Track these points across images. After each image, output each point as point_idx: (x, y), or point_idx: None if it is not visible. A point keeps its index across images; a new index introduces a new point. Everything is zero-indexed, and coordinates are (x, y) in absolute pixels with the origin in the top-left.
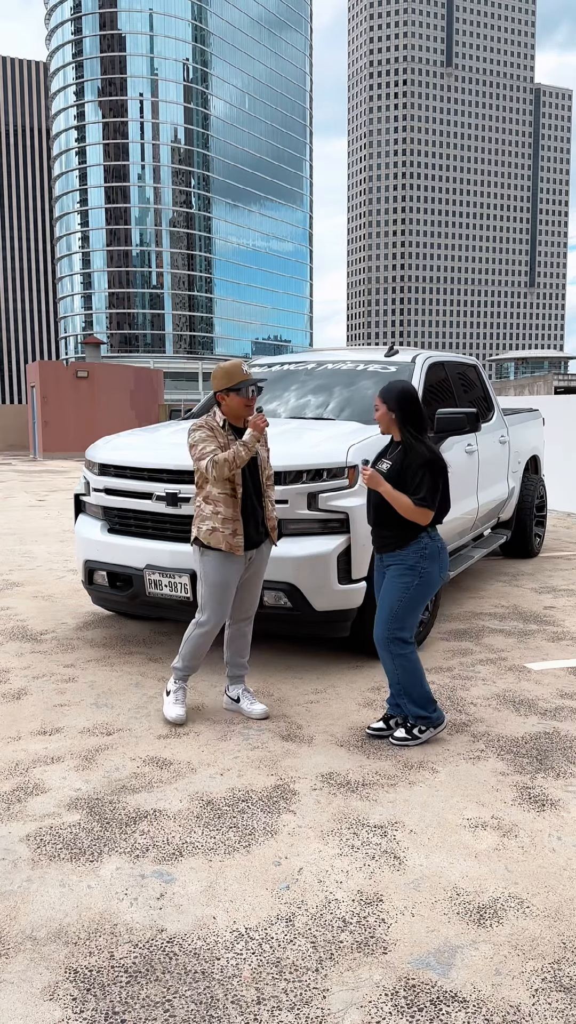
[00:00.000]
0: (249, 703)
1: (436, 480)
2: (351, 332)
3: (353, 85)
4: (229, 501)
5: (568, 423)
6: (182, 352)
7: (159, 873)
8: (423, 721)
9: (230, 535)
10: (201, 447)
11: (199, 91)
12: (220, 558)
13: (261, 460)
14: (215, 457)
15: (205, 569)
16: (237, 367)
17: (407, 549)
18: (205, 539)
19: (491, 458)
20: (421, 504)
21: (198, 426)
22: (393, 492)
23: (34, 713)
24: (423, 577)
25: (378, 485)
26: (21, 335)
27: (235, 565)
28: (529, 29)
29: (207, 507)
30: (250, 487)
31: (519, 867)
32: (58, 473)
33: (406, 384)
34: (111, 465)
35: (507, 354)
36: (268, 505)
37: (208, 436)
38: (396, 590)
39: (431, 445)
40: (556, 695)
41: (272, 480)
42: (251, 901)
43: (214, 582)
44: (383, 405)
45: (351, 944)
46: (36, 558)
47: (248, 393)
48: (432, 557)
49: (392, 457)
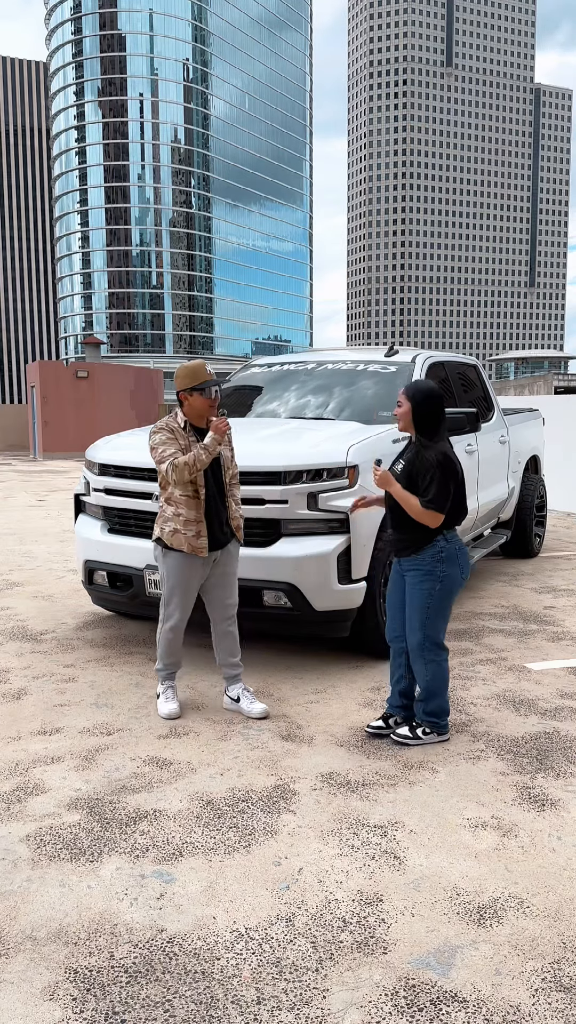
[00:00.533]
0: (249, 703)
1: (446, 483)
2: (351, 332)
3: (353, 85)
4: (192, 503)
5: (568, 423)
6: (182, 352)
7: (159, 873)
8: (431, 726)
9: (193, 537)
10: (161, 450)
11: (199, 91)
12: (182, 559)
13: (224, 460)
14: (175, 461)
15: (167, 569)
16: (201, 367)
17: (423, 553)
18: (168, 540)
19: (491, 458)
20: (428, 507)
21: (158, 428)
22: (403, 493)
23: (34, 713)
24: (443, 581)
25: (388, 485)
26: (21, 335)
27: (197, 566)
28: (529, 29)
29: (169, 508)
30: (213, 488)
31: (519, 867)
32: (58, 473)
33: (433, 386)
34: (111, 465)
35: (507, 354)
36: (232, 505)
37: (169, 438)
38: (420, 597)
39: (445, 448)
40: (556, 695)
41: (237, 479)
42: (251, 901)
43: (175, 583)
44: (407, 402)
45: (351, 944)
46: (36, 558)
47: (211, 394)
48: (450, 560)
49: (406, 457)
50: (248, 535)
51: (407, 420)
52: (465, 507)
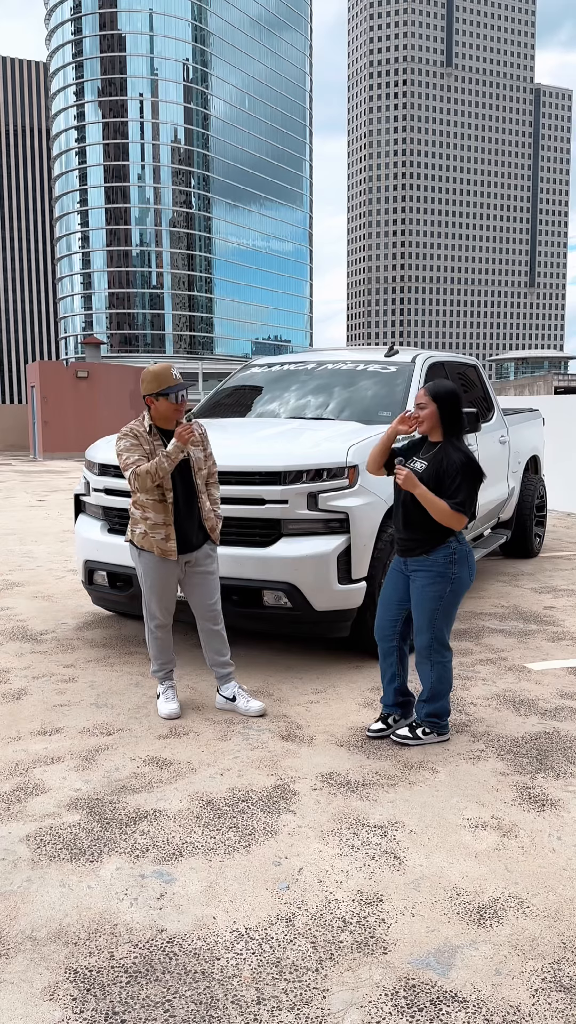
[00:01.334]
0: (245, 701)
1: (474, 485)
2: (351, 332)
3: (353, 85)
4: (158, 507)
5: (568, 423)
6: (182, 352)
7: (159, 873)
8: (431, 726)
9: (162, 540)
10: (125, 457)
11: (199, 91)
12: (154, 560)
13: (195, 462)
14: (136, 469)
15: (142, 571)
16: (166, 370)
17: (435, 554)
18: (138, 542)
19: (491, 458)
20: (458, 509)
21: (123, 434)
22: (429, 495)
23: (34, 713)
24: (454, 583)
25: (414, 487)
26: (21, 335)
27: (171, 566)
28: (529, 29)
29: (136, 512)
30: (180, 492)
31: (519, 867)
32: (58, 473)
33: (454, 385)
34: (111, 465)
35: (507, 354)
36: (206, 505)
37: (132, 444)
38: (430, 600)
39: (468, 450)
40: (556, 695)
41: (215, 479)
42: (251, 901)
43: (151, 584)
44: (432, 403)
45: (351, 944)
46: (36, 558)
47: (177, 398)
48: (461, 562)
49: (428, 458)
50: (248, 535)
51: (433, 421)
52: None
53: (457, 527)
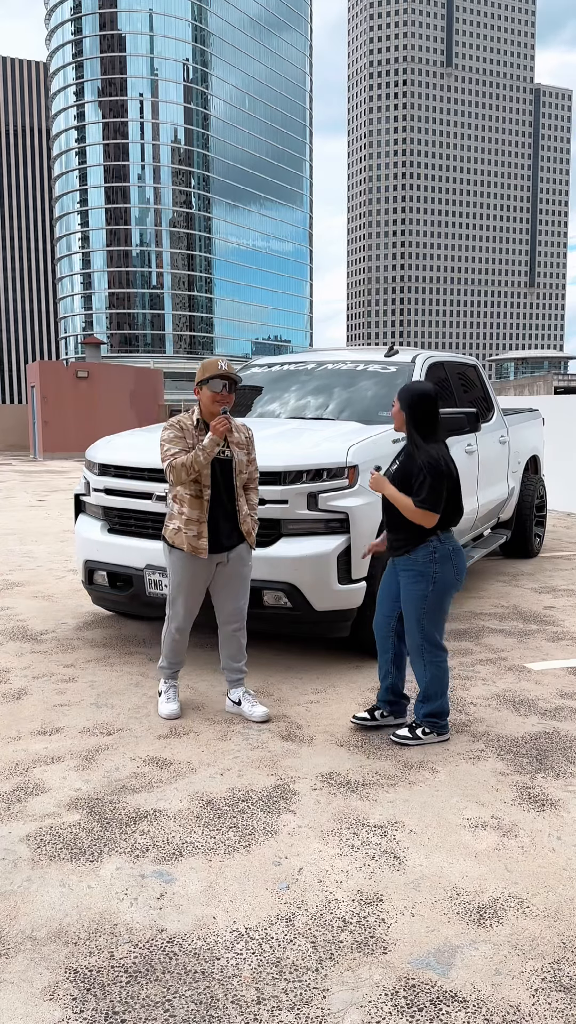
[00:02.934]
0: (250, 706)
1: (437, 483)
2: (351, 332)
3: (353, 85)
4: (194, 503)
5: (568, 423)
6: (182, 352)
7: (159, 873)
8: (430, 726)
9: (194, 537)
10: (166, 448)
11: (199, 91)
12: (185, 558)
13: (238, 464)
14: (173, 461)
15: (171, 568)
16: (213, 362)
17: (416, 553)
18: (170, 538)
19: (491, 458)
20: (421, 506)
21: (169, 424)
22: (396, 494)
23: (34, 713)
24: (437, 581)
25: (383, 488)
26: (21, 335)
27: (201, 566)
28: (529, 29)
29: (174, 506)
30: (221, 489)
31: (519, 867)
32: (58, 473)
33: (425, 387)
34: (111, 465)
35: (507, 354)
36: (243, 509)
37: (176, 436)
38: (415, 599)
39: (436, 449)
40: (556, 695)
41: (255, 484)
42: (251, 901)
43: (178, 581)
44: (396, 403)
45: (351, 944)
46: (36, 558)
47: (218, 387)
48: (444, 560)
49: (399, 459)
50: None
51: (400, 420)
52: (461, 508)
53: (427, 524)
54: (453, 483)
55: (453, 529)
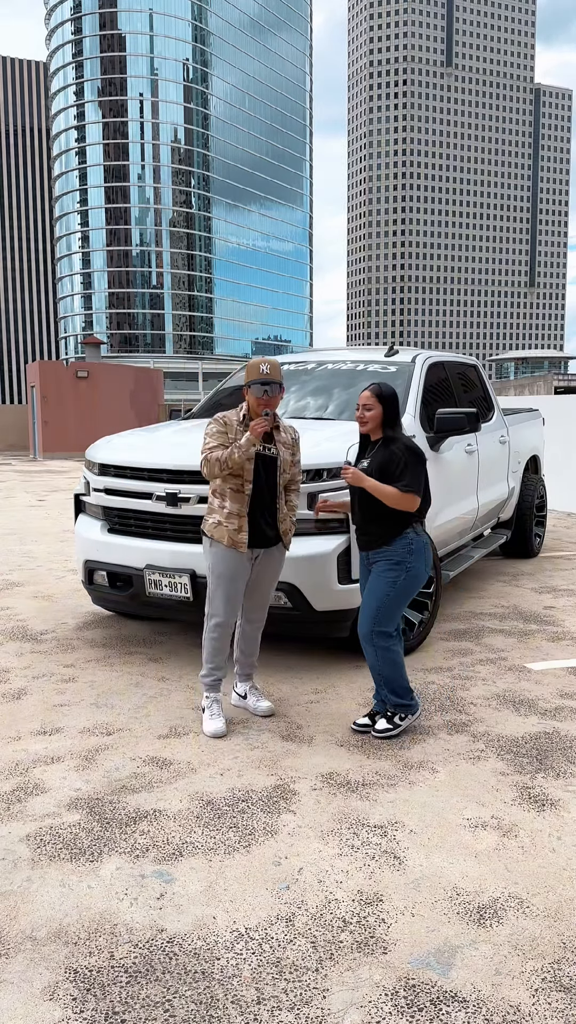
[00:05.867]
0: (255, 700)
1: (419, 467)
2: (351, 332)
3: (353, 85)
4: (236, 497)
5: (568, 423)
6: (182, 352)
7: (159, 873)
8: (402, 709)
9: (234, 531)
10: (206, 441)
11: (199, 91)
12: (226, 552)
13: (282, 463)
14: (208, 455)
15: (211, 561)
16: (256, 364)
17: (394, 545)
18: (210, 532)
19: (491, 458)
20: (407, 490)
21: (215, 418)
22: (378, 485)
23: (34, 713)
24: (409, 572)
25: (361, 481)
26: (21, 335)
27: (240, 560)
28: (529, 29)
29: (215, 500)
30: (264, 486)
31: (519, 867)
32: (58, 473)
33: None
34: (111, 465)
35: (507, 354)
36: (283, 508)
37: (218, 431)
38: (383, 585)
39: (405, 437)
40: (556, 695)
41: (297, 486)
42: (251, 901)
43: (220, 573)
44: (379, 405)
45: (351, 944)
46: (36, 558)
47: (259, 393)
48: (418, 552)
49: (371, 455)
50: None
51: (377, 422)
52: (430, 499)
53: (412, 508)
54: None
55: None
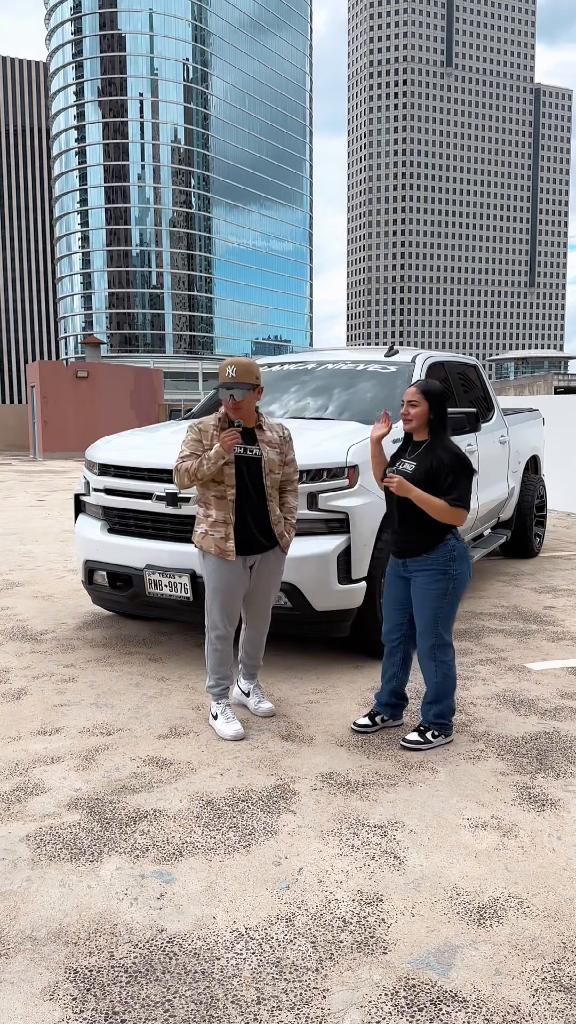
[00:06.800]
0: (257, 700)
1: (468, 480)
2: (351, 332)
3: (353, 85)
4: (220, 504)
5: (568, 423)
6: (182, 352)
7: (159, 873)
8: (439, 728)
9: (221, 539)
10: (181, 450)
11: (199, 91)
12: (215, 562)
13: (267, 463)
14: (179, 465)
15: (205, 573)
16: (222, 367)
17: (435, 553)
18: (198, 543)
19: (491, 458)
20: (457, 504)
21: (191, 426)
22: (425, 496)
23: (34, 713)
24: (456, 579)
25: (408, 492)
26: (21, 335)
27: (233, 569)
28: (529, 29)
29: (200, 509)
30: (249, 490)
31: (519, 867)
32: (58, 473)
33: (442, 385)
34: (111, 465)
35: (507, 354)
36: (275, 510)
37: (193, 439)
38: (434, 598)
39: (456, 446)
40: (556, 695)
41: (293, 486)
42: (251, 901)
43: (214, 586)
44: (424, 402)
45: (351, 944)
46: (36, 558)
47: (225, 396)
48: (460, 558)
49: (415, 458)
50: None
51: (423, 419)
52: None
53: (459, 523)
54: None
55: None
